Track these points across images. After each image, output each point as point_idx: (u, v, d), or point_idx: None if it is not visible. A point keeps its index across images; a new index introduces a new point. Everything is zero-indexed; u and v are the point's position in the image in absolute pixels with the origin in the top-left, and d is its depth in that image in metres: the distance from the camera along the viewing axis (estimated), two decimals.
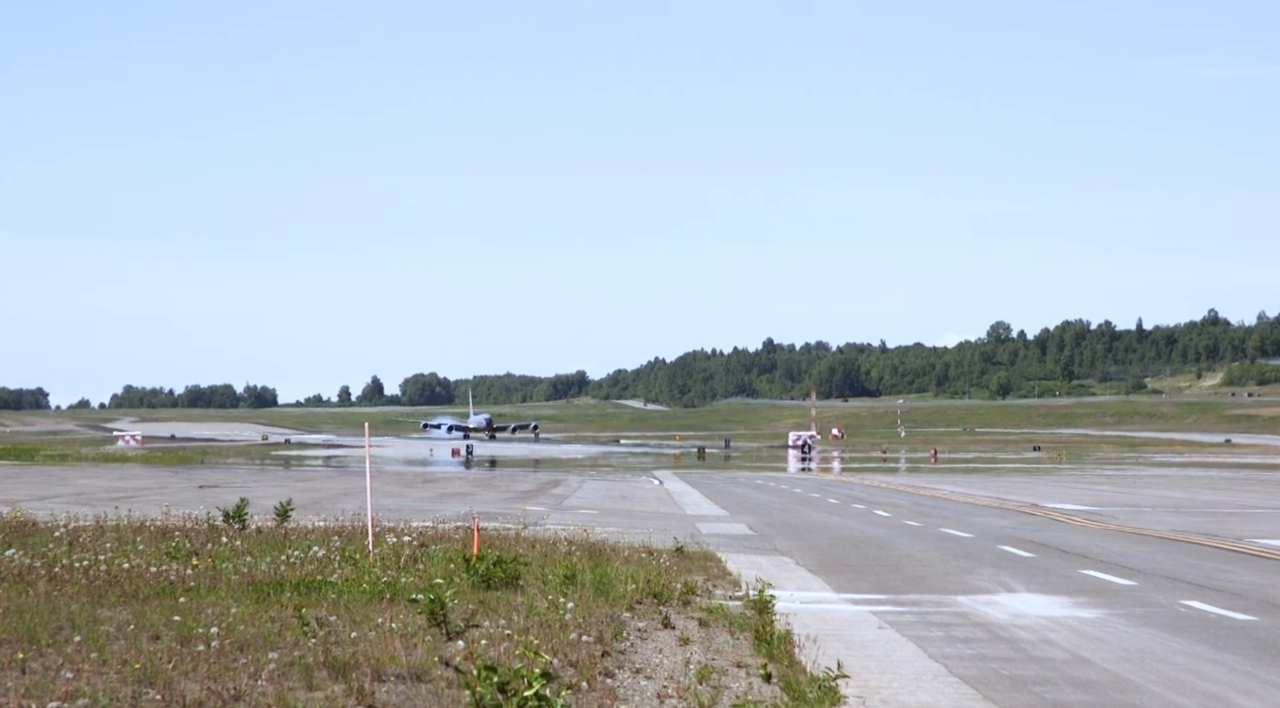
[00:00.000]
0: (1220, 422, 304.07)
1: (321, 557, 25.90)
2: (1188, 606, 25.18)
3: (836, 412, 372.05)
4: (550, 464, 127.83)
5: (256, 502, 41.69)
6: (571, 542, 32.35)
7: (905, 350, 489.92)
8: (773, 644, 18.70)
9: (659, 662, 17.76)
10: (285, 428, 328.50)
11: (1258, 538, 39.91)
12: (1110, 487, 78.26)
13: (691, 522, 47.99)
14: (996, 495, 66.52)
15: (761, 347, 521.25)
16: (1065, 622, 23.22)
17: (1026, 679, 17.98)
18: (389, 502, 52.43)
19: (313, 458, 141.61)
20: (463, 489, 69.81)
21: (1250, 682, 17.81)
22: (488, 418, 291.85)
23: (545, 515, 47.83)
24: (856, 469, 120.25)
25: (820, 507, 59.03)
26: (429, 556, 27.05)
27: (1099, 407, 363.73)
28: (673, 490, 74.09)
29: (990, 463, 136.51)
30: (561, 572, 24.00)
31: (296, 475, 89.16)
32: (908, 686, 17.51)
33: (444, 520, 39.45)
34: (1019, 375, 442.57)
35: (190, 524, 33.35)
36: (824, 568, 32.34)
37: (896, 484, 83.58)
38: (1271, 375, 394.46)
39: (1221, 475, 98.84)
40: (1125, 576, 30.27)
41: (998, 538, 40.83)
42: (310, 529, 33.37)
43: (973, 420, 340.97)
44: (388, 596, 20.74)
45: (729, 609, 22.48)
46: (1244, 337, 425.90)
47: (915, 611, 24.71)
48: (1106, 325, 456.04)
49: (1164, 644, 20.79)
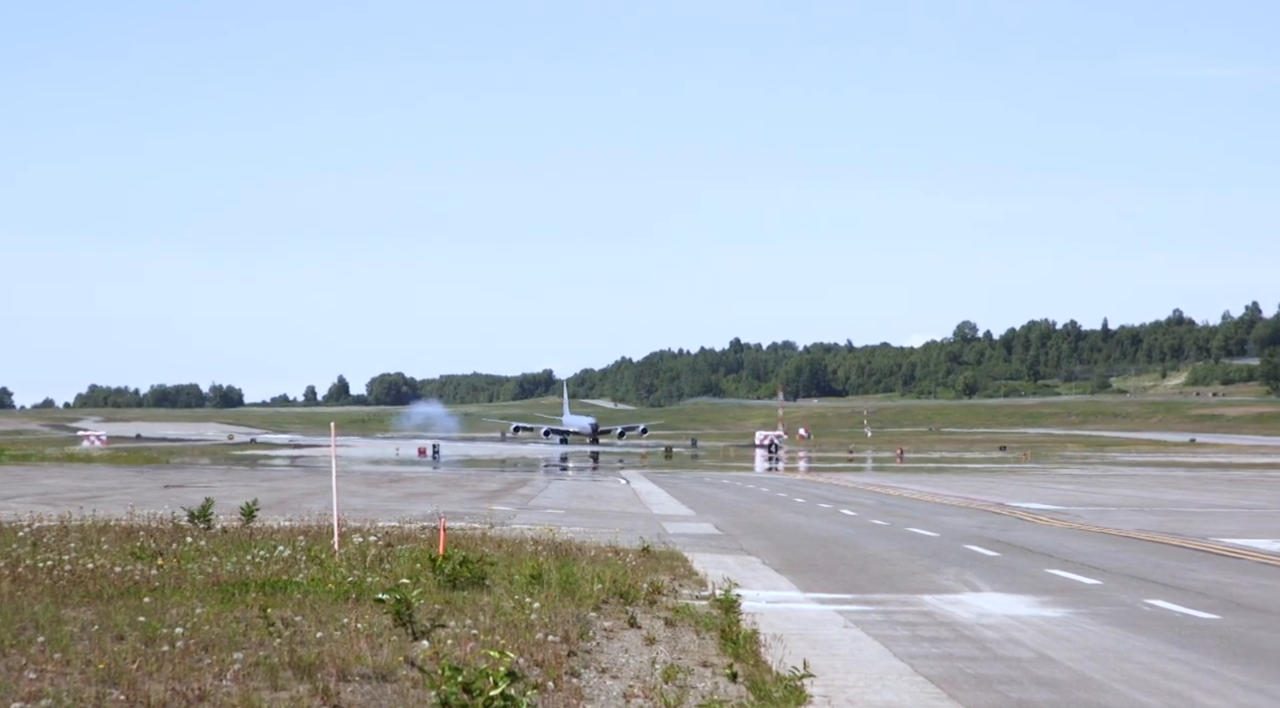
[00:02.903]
0: (1185, 421, 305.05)
1: (287, 557, 25.84)
2: (1152, 605, 25.27)
3: (803, 411, 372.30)
4: (517, 464, 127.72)
5: (222, 502, 41.58)
6: (538, 541, 32.34)
7: (872, 350, 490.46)
8: (739, 644, 18.72)
9: (625, 661, 17.76)
10: (251, 428, 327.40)
11: (1222, 537, 40.08)
12: (1075, 486, 78.48)
13: (658, 521, 48.01)
14: (963, 495, 66.66)
15: (728, 346, 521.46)
16: (1031, 621, 23.29)
17: (992, 678, 18.03)
18: (355, 502, 52.32)
19: (279, 458, 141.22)
20: (429, 489, 69.69)
21: (1214, 680, 17.89)
22: (593, 423, 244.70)
23: (512, 515, 47.80)
24: (823, 469, 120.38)
25: (787, 506, 59.08)
26: (395, 555, 27.01)
27: (1064, 406, 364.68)
28: (639, 490, 74.09)
29: (956, 463, 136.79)
30: (528, 571, 24.00)
31: (262, 475, 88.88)
32: (873, 685, 17.54)
33: (410, 520, 39.39)
34: (985, 375, 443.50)
35: (155, 524, 33.23)
36: (790, 567, 32.38)
37: (863, 484, 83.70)
38: (1236, 375, 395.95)
39: (1186, 475, 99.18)
40: (1090, 575, 30.38)
41: (964, 537, 40.92)
42: (276, 529, 33.30)
43: (939, 420, 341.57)
44: (353, 595, 20.70)
45: (695, 609, 22.49)
46: (1209, 337, 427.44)
47: (881, 610, 24.77)
48: (1072, 325, 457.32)
49: (1129, 643, 20.87)
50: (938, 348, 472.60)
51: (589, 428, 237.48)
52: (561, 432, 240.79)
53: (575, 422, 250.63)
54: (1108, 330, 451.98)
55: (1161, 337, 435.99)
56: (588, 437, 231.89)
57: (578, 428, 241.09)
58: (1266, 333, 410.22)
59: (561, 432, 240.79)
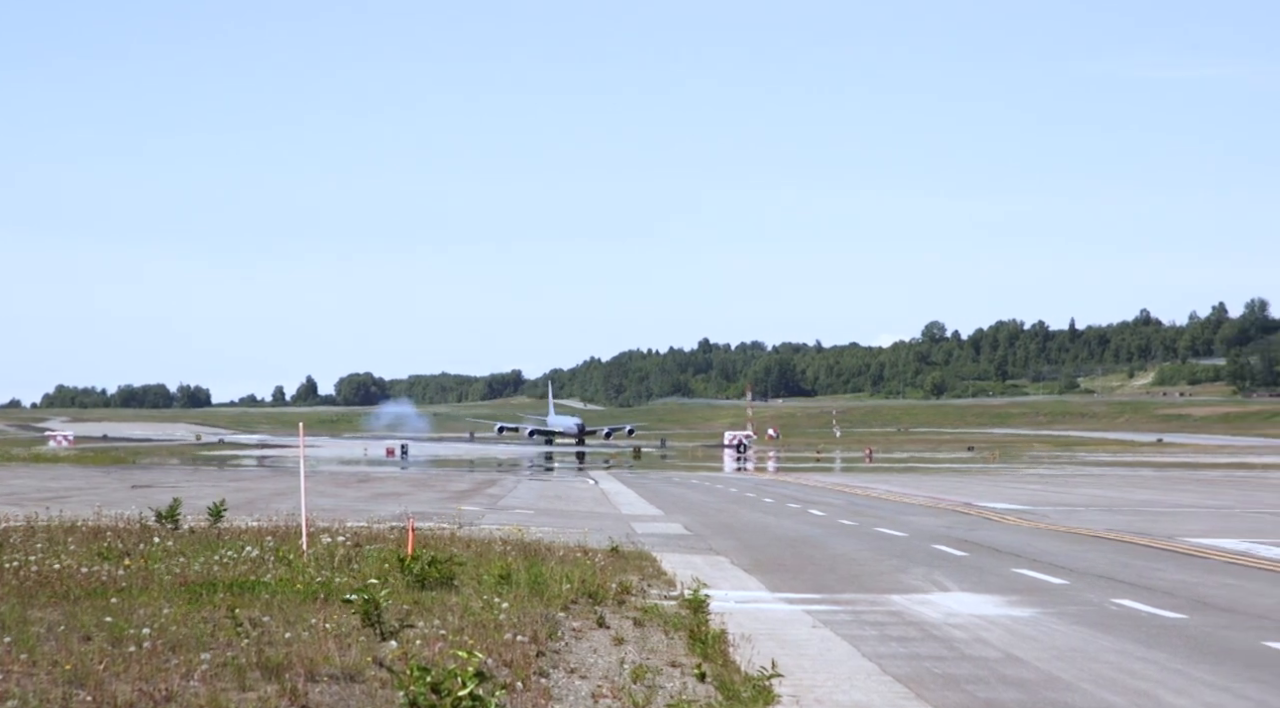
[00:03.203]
0: (1152, 421, 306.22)
1: (255, 557, 25.78)
2: (1119, 604, 25.36)
3: (772, 411, 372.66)
4: (485, 464, 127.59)
5: (190, 502, 41.46)
6: (506, 542, 32.31)
7: (840, 350, 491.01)
8: (707, 644, 18.73)
9: (594, 661, 17.76)
10: (219, 428, 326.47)
11: (1189, 537, 40.22)
12: (1043, 486, 78.67)
13: (627, 521, 48.00)
14: (931, 495, 66.78)
15: (697, 346, 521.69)
16: (998, 620, 23.35)
17: (959, 678, 18.07)
18: (323, 502, 52.20)
19: (247, 458, 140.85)
20: (398, 489, 69.58)
21: (1180, 680, 17.96)
22: (579, 423, 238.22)
23: (481, 515, 47.75)
24: (792, 469, 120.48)
25: (755, 506, 59.13)
26: (363, 556, 26.97)
27: (1032, 406, 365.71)
28: (608, 490, 74.07)
29: (925, 463, 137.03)
30: (496, 572, 23.99)
31: (230, 476, 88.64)
32: (841, 684, 17.57)
33: (379, 521, 39.32)
34: (953, 375, 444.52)
35: (122, 524, 33.12)
36: (759, 567, 32.41)
37: (831, 484, 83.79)
38: (1202, 375, 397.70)
39: (1153, 475, 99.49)
40: (1058, 574, 30.47)
41: (932, 537, 41.00)
42: (244, 529, 33.21)
43: (907, 420, 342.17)
44: (322, 596, 20.66)
45: (664, 609, 22.50)
46: (1175, 337, 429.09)
47: (850, 610, 24.80)
48: (1040, 325, 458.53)
49: (1096, 643, 20.94)
50: (906, 348, 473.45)
51: (575, 429, 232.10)
52: (546, 432, 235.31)
53: (560, 422, 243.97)
54: (1075, 331, 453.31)
55: (1129, 337, 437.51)
56: (573, 437, 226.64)
57: (563, 428, 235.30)
58: (1233, 333, 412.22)
59: (546, 432, 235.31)
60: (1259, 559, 33.59)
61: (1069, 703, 16.58)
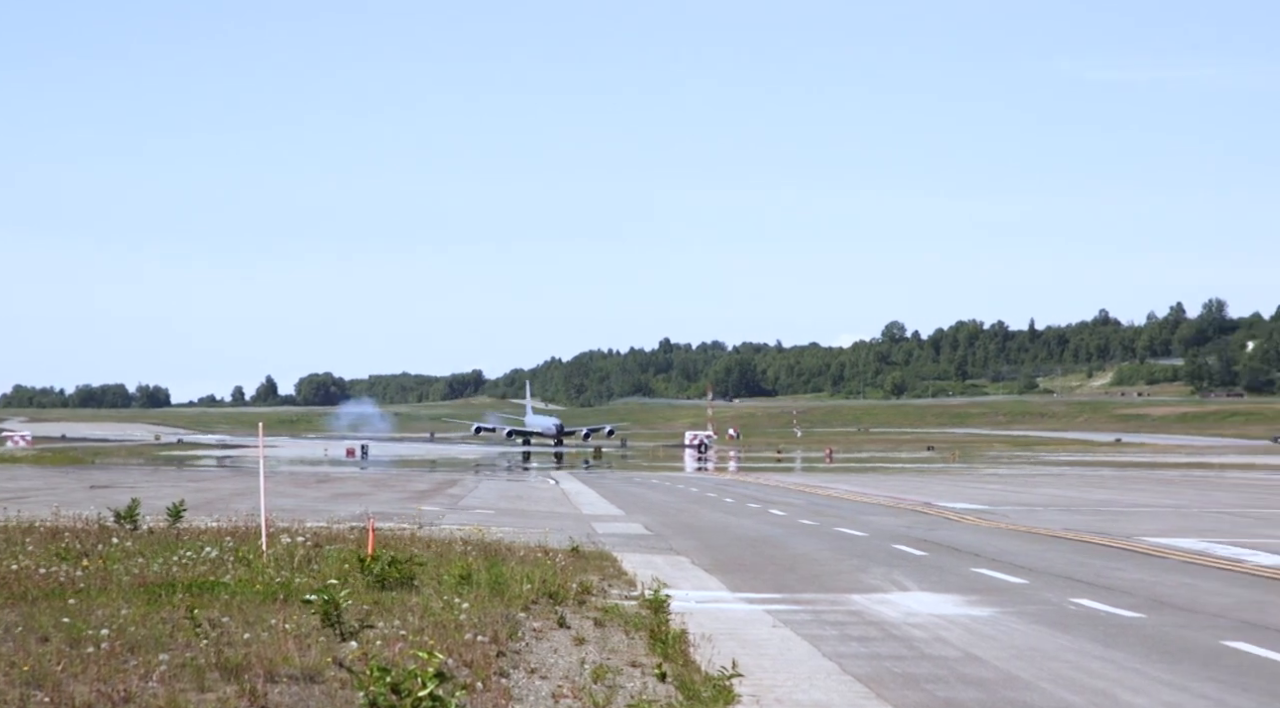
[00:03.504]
0: (1110, 421, 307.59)
1: (214, 557, 25.72)
2: (1078, 604, 25.46)
3: (733, 411, 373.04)
4: (446, 464, 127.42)
5: (149, 502, 41.28)
6: (467, 542, 32.29)
7: (801, 350, 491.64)
8: (668, 644, 18.74)
9: (554, 662, 17.76)
10: (178, 428, 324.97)
11: (1146, 536, 40.41)
12: (1002, 486, 78.95)
13: (588, 521, 48.01)
14: (891, 495, 66.95)
15: (658, 346, 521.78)
16: (958, 620, 23.43)
17: (919, 677, 18.13)
18: (283, 502, 52.05)
19: (206, 458, 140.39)
20: (358, 489, 69.46)
21: (1138, 679, 18.05)
22: (558, 424, 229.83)
23: (441, 515, 47.70)
24: (752, 469, 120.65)
25: (716, 506, 59.20)
26: (323, 556, 26.93)
27: (992, 406, 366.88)
28: (569, 490, 74.07)
29: (885, 462, 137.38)
30: (457, 572, 23.96)
31: (190, 476, 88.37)
32: (801, 684, 17.61)
33: (339, 521, 39.25)
34: (913, 375, 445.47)
35: (81, 525, 33.00)
36: (720, 567, 32.45)
37: (792, 484, 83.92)
38: (1160, 375, 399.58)
39: (1111, 474, 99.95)
40: (1017, 574, 30.58)
41: (892, 537, 41.11)
42: (203, 530, 33.13)
43: (867, 420, 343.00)
44: (281, 596, 20.62)
45: (625, 609, 22.52)
46: (1134, 337, 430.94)
47: (810, 609, 24.85)
48: (999, 325, 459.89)
49: (1054, 642, 21.03)
50: (866, 348, 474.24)
51: (553, 429, 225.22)
52: (525, 433, 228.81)
53: (539, 422, 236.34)
54: (1034, 331, 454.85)
55: (1087, 337, 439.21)
56: (552, 438, 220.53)
57: (541, 429, 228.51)
58: (1190, 333, 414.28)
59: (525, 433, 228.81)
60: (1216, 559, 33.76)
61: (1028, 702, 16.64)
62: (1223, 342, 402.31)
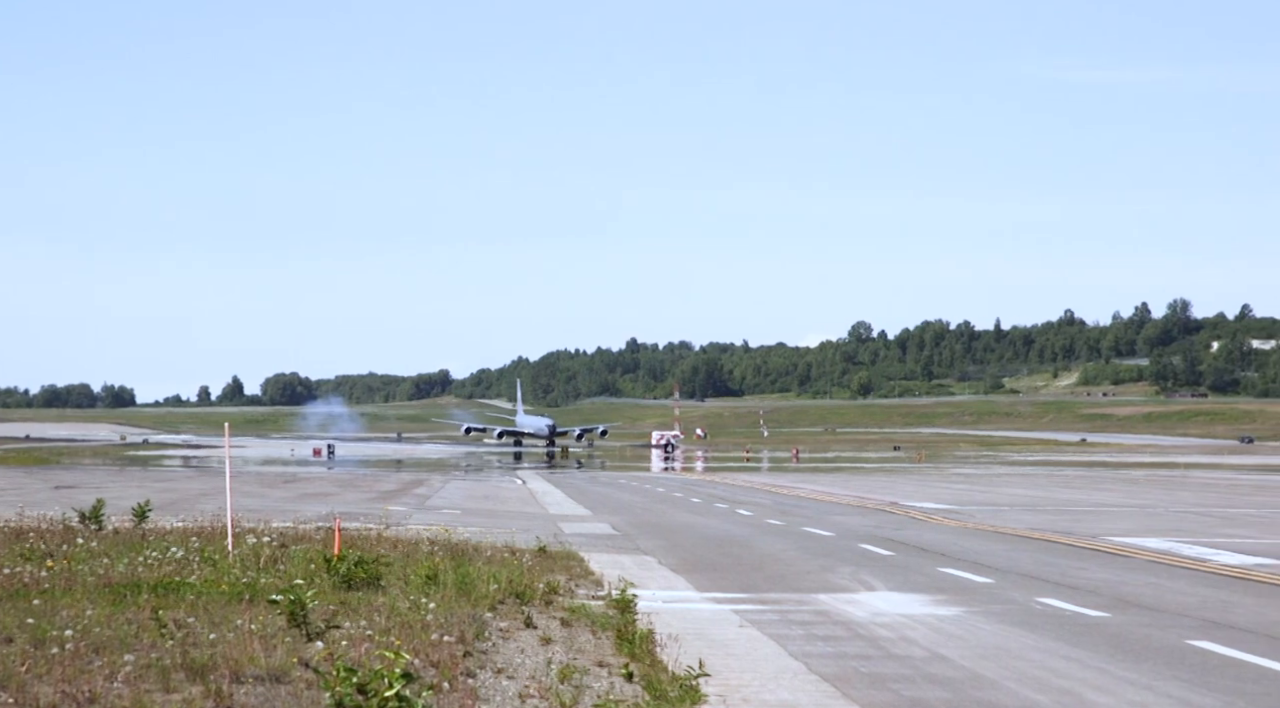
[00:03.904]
0: (1076, 421, 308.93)
1: (180, 558, 25.63)
2: (1044, 603, 25.52)
3: (700, 411, 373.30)
4: (413, 464, 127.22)
5: (114, 502, 41.12)
6: (434, 542, 32.23)
7: (767, 350, 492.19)
8: (635, 643, 18.74)
9: (521, 662, 17.74)
10: (144, 428, 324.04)
11: (1112, 536, 40.54)
12: (969, 485, 79.16)
13: (554, 521, 47.98)
14: (857, 494, 67.05)
15: (625, 346, 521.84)
16: (924, 619, 23.46)
17: (886, 677, 18.15)
18: (249, 502, 51.92)
19: (172, 458, 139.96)
20: (325, 489, 69.32)
21: (1103, 678, 18.10)
22: (551, 424, 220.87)
23: (408, 515, 47.63)
24: (719, 469, 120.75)
25: (683, 506, 59.22)
26: (289, 556, 26.86)
27: (958, 406, 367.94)
28: (536, 490, 74.04)
29: (851, 462, 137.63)
30: (423, 572, 23.91)
31: (155, 476, 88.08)
32: (768, 684, 17.61)
33: (305, 521, 39.16)
34: (880, 375, 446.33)
35: (45, 525, 32.85)
36: (686, 567, 32.45)
37: (759, 484, 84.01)
38: (1125, 375, 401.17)
39: (1077, 474, 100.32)
40: (983, 573, 30.64)
41: (858, 536, 41.17)
42: (169, 530, 33.02)
43: (834, 420, 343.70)
44: (247, 597, 20.55)
45: (591, 609, 22.51)
46: (1099, 337, 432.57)
47: (776, 609, 24.87)
48: (965, 326, 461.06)
49: (1020, 641, 21.08)
50: (833, 348, 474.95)
51: (546, 429, 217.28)
52: (516, 433, 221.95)
53: (531, 423, 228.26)
54: (1000, 331, 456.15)
55: (1053, 337, 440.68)
56: (544, 438, 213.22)
57: (533, 429, 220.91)
58: (1155, 333, 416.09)
59: (516, 433, 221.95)
60: (1181, 558, 33.88)
61: (994, 701, 16.67)
62: (1187, 342, 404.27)
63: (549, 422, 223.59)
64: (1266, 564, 32.21)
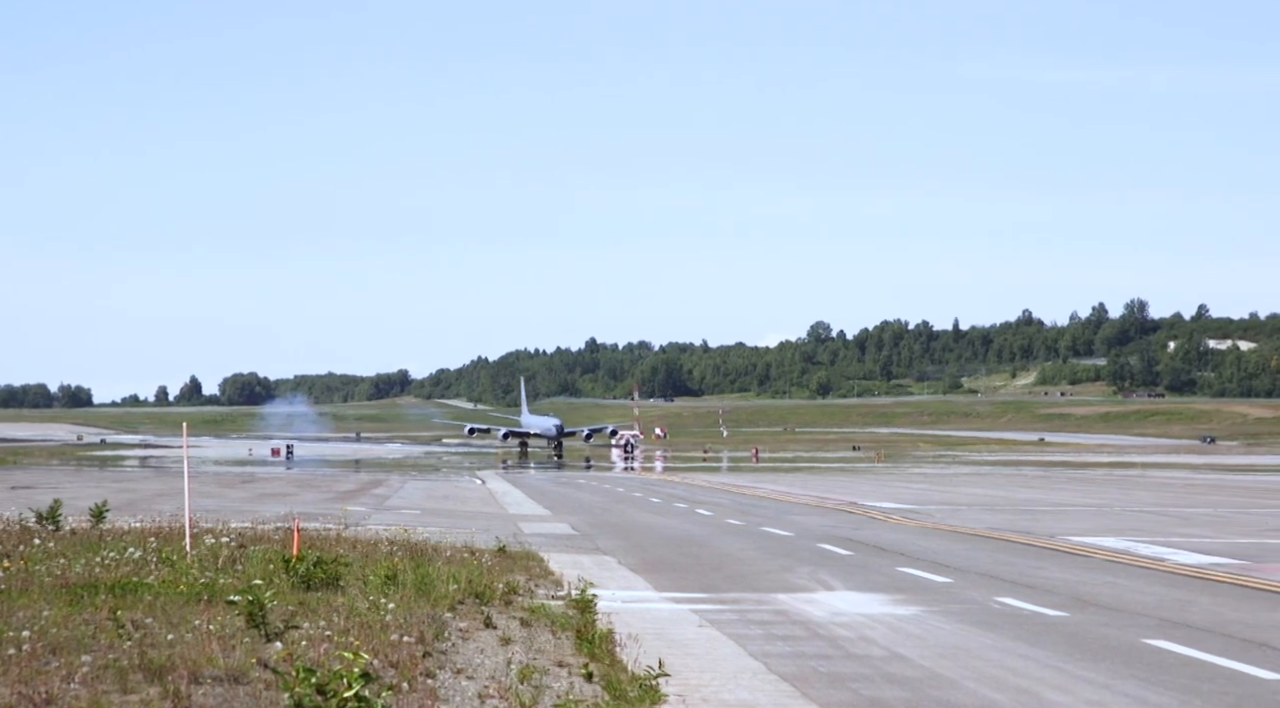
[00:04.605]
0: (1034, 420, 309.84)
1: (138, 558, 25.53)
2: (1002, 602, 25.61)
3: (659, 411, 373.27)
4: (372, 465, 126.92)
5: (71, 503, 40.96)
6: (393, 542, 32.17)
7: (727, 350, 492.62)
8: (594, 643, 18.74)
9: (481, 662, 17.72)
10: (101, 428, 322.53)
11: (1069, 535, 40.70)
12: (927, 485, 79.36)
13: (514, 521, 47.95)
14: (817, 494, 67.16)
15: (584, 346, 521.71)
16: (883, 619, 23.52)
17: (844, 676, 18.18)
18: (207, 503, 51.75)
19: (129, 458, 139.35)
20: (283, 490, 69.11)
21: (1060, 677, 18.17)
22: (557, 424, 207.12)
23: (367, 516, 47.53)
24: (679, 468, 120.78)
25: (643, 506, 59.23)
26: (248, 556, 26.78)
27: (917, 406, 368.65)
28: (495, 490, 73.96)
29: (811, 462, 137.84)
30: (383, 572, 23.87)
31: (112, 476, 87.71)
32: (728, 683, 17.63)
33: (263, 521, 39.04)
34: (839, 375, 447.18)
35: (1, 526, 32.67)
36: (646, 567, 32.46)
37: (718, 483, 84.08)
38: (1083, 375, 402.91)
39: (1035, 473, 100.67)
40: (942, 573, 30.73)
41: (817, 536, 41.24)
42: (126, 530, 32.89)
43: (793, 420, 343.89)
44: (205, 597, 20.48)
45: (551, 609, 22.50)
46: (1057, 337, 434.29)
47: (736, 609, 24.89)
48: (924, 325, 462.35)
49: (979, 640, 21.14)
50: (792, 348, 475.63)
51: (553, 430, 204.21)
52: (521, 434, 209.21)
53: (537, 423, 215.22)
54: (959, 331, 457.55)
55: (1011, 337, 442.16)
56: (551, 439, 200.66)
57: (540, 430, 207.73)
58: (1112, 333, 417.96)
59: (521, 434, 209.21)
60: (1138, 557, 34.04)
61: (952, 701, 16.72)
62: (1144, 342, 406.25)
63: (556, 422, 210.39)
64: (1222, 563, 32.38)
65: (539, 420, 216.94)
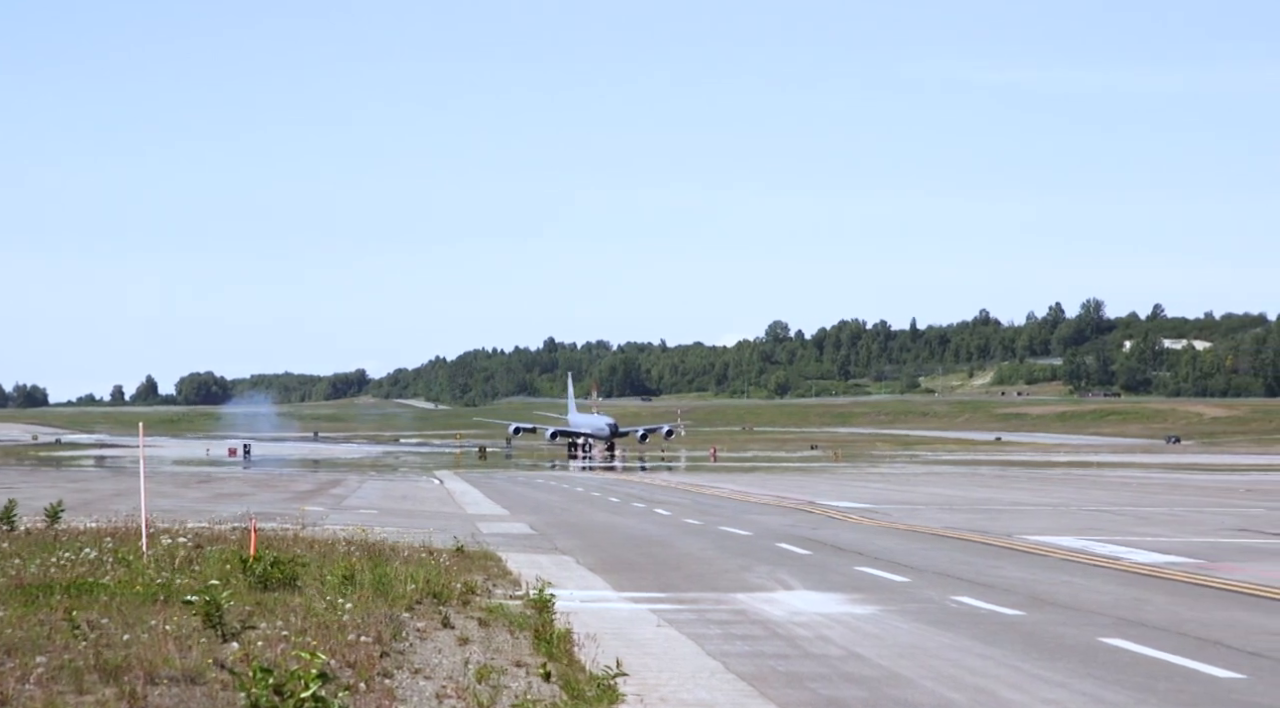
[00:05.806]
0: (991, 420, 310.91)
1: (94, 558, 25.41)
2: (959, 601, 25.69)
3: (617, 411, 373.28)
4: (330, 464, 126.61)
5: (26, 503, 40.73)
6: (350, 542, 32.09)
7: (685, 350, 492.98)
8: (552, 643, 18.73)
9: (438, 662, 17.69)
10: (56, 428, 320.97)
11: (1026, 534, 40.85)
12: (885, 485, 79.55)
13: (472, 521, 47.87)
14: (775, 494, 67.25)
15: (543, 346, 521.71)
16: (841, 618, 23.56)
17: (803, 676, 18.21)
18: (164, 503, 51.54)
19: (85, 458, 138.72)
20: (240, 490, 68.89)
21: (1017, 675, 18.24)
22: (611, 423, 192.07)
23: (324, 516, 47.40)
24: (638, 468, 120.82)
25: (601, 506, 59.22)
26: (205, 557, 26.69)
27: (874, 406, 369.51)
28: (453, 490, 73.85)
29: (769, 462, 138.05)
30: (340, 572, 23.80)
31: (68, 476, 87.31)
32: (686, 683, 17.64)
33: (220, 521, 38.90)
34: (797, 375, 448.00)
35: None
36: (604, 567, 32.46)
37: (677, 483, 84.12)
38: (1040, 375, 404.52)
39: (992, 473, 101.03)
40: (899, 572, 30.81)
41: (776, 536, 41.29)
42: (82, 530, 32.74)
43: (752, 419, 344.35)
44: (162, 597, 20.39)
45: (509, 609, 22.48)
46: (1014, 337, 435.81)
47: (694, 609, 24.91)
48: (882, 325, 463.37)
49: (936, 639, 21.20)
50: (750, 348, 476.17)
51: (607, 430, 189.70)
52: (571, 433, 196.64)
53: (588, 422, 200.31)
54: (916, 330, 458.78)
55: (968, 337, 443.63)
56: (605, 440, 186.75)
57: (592, 430, 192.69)
58: (1069, 333, 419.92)
59: (571, 433, 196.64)
60: (1095, 556, 34.19)
61: (910, 700, 16.76)
62: (1100, 342, 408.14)
63: (609, 421, 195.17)
64: (1178, 562, 32.54)
65: (590, 419, 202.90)
